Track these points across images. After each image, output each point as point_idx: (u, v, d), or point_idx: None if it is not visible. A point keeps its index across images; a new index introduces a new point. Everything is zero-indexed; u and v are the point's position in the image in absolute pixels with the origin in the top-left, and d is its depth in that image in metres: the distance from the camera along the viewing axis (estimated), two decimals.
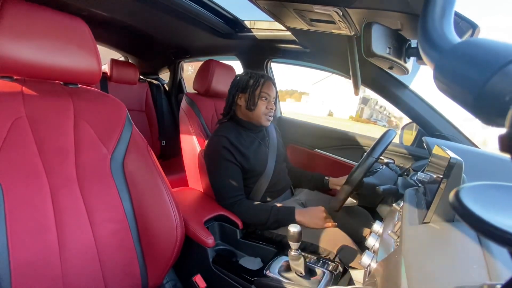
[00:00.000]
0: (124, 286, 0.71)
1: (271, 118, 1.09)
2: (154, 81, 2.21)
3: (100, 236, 0.68)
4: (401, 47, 0.78)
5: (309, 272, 0.77)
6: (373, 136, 1.38)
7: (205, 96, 1.34)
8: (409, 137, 1.28)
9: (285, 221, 0.93)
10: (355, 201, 1.13)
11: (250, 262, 0.89)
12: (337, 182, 1.18)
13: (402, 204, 0.66)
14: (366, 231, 1.02)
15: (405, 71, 0.83)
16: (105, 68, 1.90)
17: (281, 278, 0.76)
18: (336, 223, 0.95)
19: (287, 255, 0.77)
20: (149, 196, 0.74)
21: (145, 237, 0.74)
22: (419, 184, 0.68)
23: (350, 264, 0.84)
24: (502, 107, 0.19)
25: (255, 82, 1.05)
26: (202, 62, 1.35)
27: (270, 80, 1.08)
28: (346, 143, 1.42)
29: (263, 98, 1.05)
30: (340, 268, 0.82)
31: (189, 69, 3.19)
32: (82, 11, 1.34)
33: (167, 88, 2.32)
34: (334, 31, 0.96)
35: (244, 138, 1.06)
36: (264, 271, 0.79)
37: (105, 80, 1.85)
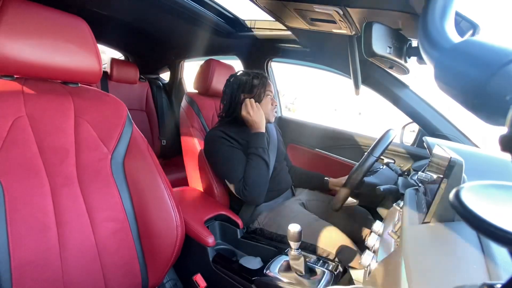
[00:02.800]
0: (124, 285, 0.71)
1: (276, 114, 1.12)
2: (155, 81, 2.21)
3: (100, 235, 0.68)
4: (401, 47, 0.78)
5: (309, 272, 0.77)
6: (374, 136, 1.37)
7: (205, 95, 1.34)
8: (410, 137, 1.28)
9: (260, 140, 1.00)
10: (355, 200, 1.13)
11: (250, 262, 0.89)
12: (336, 183, 1.18)
13: (402, 204, 0.66)
14: (366, 231, 1.02)
15: (405, 70, 0.83)
16: (106, 67, 1.90)
17: (281, 277, 0.76)
18: None
19: (287, 255, 0.77)
20: (149, 195, 0.74)
21: (146, 237, 0.74)
22: (420, 184, 0.68)
23: (350, 264, 0.84)
24: (503, 106, 0.19)
25: (259, 82, 1.06)
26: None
27: (268, 78, 1.11)
28: (347, 142, 1.42)
29: (268, 97, 1.08)
30: (340, 268, 0.82)
31: None
32: (82, 10, 1.34)
33: (167, 88, 2.32)
34: (334, 30, 0.96)
35: (244, 134, 1.06)
36: (264, 271, 0.79)
37: (105, 80, 1.85)
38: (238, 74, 1.11)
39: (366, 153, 0.86)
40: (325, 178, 1.23)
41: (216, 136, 1.01)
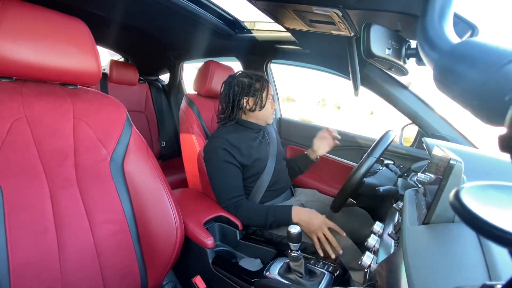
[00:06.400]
0: (124, 287, 0.71)
1: (275, 115, 1.13)
2: (154, 82, 2.21)
3: (99, 237, 0.68)
4: (400, 48, 0.78)
5: (309, 273, 0.77)
6: (373, 137, 1.38)
7: (204, 97, 1.34)
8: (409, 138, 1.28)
9: (283, 222, 0.93)
10: (355, 202, 1.12)
11: (250, 263, 0.89)
12: (314, 149, 1.18)
13: (402, 205, 0.66)
14: (366, 232, 1.02)
15: (404, 72, 0.83)
16: (105, 68, 1.90)
17: (281, 279, 0.76)
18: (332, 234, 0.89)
19: (287, 256, 0.76)
20: (148, 197, 0.74)
21: (145, 238, 0.74)
22: (419, 185, 0.68)
23: (350, 265, 0.84)
24: (502, 107, 0.19)
25: (261, 85, 1.06)
26: None
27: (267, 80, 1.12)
28: (346, 144, 1.42)
29: (269, 100, 1.09)
30: (340, 269, 0.82)
31: None
32: (82, 12, 1.34)
33: (166, 89, 2.32)
34: (333, 32, 0.97)
35: (245, 138, 1.06)
36: (264, 272, 0.79)
37: (105, 81, 1.85)
38: (237, 75, 1.10)
39: (365, 154, 0.86)
40: (305, 152, 1.22)
41: (217, 146, 1.00)
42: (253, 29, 1.44)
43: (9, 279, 0.55)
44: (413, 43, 0.80)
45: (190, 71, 2.28)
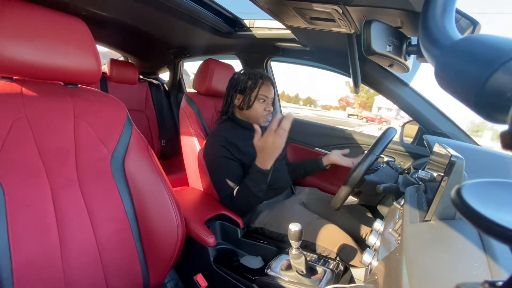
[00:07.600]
0: (126, 285, 0.71)
1: (270, 119, 1.09)
2: (154, 81, 2.21)
3: (101, 236, 0.68)
4: (401, 45, 0.77)
5: (310, 271, 0.77)
6: (374, 134, 1.37)
7: (205, 95, 1.34)
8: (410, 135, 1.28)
9: (261, 178, 0.90)
10: (355, 199, 1.13)
11: (251, 261, 0.89)
12: (331, 158, 1.22)
13: (402, 202, 0.66)
14: (366, 229, 1.02)
15: (405, 68, 0.83)
16: (105, 68, 1.90)
17: (282, 276, 0.76)
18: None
19: (288, 254, 0.77)
20: (150, 195, 0.74)
21: (146, 237, 0.74)
22: (420, 182, 0.68)
23: (351, 263, 0.84)
24: (504, 103, 0.19)
25: (253, 84, 1.04)
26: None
27: (268, 80, 1.07)
28: (347, 141, 1.42)
29: (261, 100, 1.05)
30: (341, 267, 0.82)
31: None
32: (81, 11, 1.34)
33: (167, 88, 2.32)
34: (334, 29, 0.96)
35: (242, 136, 1.06)
36: (265, 270, 0.79)
37: (105, 80, 1.85)
38: (240, 72, 1.11)
39: (366, 152, 0.86)
40: (320, 156, 1.26)
41: (216, 143, 1.00)
42: (253, 27, 1.44)
43: (12, 278, 0.55)
44: (414, 40, 0.80)
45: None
